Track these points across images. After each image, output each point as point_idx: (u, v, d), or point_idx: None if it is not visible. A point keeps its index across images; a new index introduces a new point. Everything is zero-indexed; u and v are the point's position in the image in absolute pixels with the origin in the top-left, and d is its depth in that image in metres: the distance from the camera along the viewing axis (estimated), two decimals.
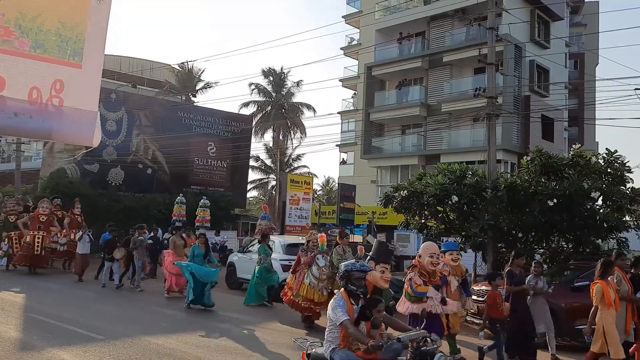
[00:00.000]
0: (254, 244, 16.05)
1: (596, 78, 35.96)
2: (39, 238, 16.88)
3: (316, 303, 10.24)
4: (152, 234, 17.97)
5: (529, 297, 8.37)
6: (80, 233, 16.30)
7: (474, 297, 10.62)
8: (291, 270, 11.09)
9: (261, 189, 45.90)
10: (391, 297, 10.19)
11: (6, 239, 17.61)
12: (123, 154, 26.67)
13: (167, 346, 8.16)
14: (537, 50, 28.35)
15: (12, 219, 18.08)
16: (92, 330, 9.01)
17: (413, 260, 7.45)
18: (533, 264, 8.76)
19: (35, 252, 16.80)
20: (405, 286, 7.36)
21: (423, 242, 11.67)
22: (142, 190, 26.84)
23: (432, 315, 7.11)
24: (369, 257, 9.76)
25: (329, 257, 10.41)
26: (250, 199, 46.20)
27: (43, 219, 17.25)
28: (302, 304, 10.35)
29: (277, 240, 14.68)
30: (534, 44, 28.36)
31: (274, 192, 41.10)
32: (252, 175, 41.12)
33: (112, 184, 26.48)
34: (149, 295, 13.67)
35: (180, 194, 23.90)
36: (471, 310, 10.36)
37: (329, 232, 22.86)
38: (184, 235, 14.86)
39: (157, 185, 27.87)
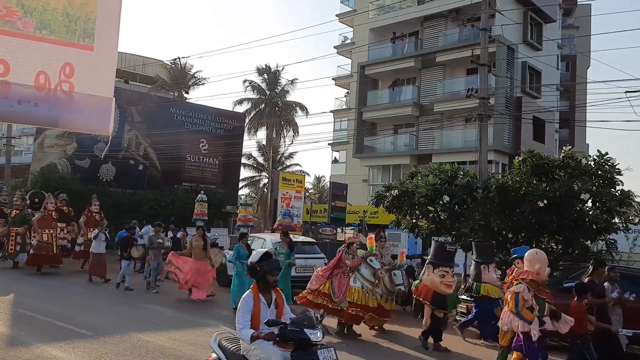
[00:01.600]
0: None
1: (587, 80, 36.24)
2: (54, 236, 16.31)
3: (368, 309, 9.36)
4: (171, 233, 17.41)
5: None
6: (96, 231, 15.28)
7: (462, 296, 10.68)
8: (327, 275, 9.70)
9: (253, 187, 45.84)
10: (457, 303, 9.72)
11: (7, 234, 17.19)
12: (114, 150, 26.53)
13: (156, 343, 8.16)
14: (529, 52, 28.49)
15: (12, 215, 17.65)
16: (81, 327, 8.98)
17: (521, 272, 6.65)
18: (607, 270, 8.28)
19: (54, 251, 16.19)
20: (508, 297, 6.53)
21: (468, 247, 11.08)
22: (133, 186, 26.72)
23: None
24: (427, 262, 9.47)
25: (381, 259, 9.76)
26: (242, 196, 46.10)
27: (55, 215, 16.71)
28: (350, 311, 9.30)
29: (268, 238, 14.64)
30: (527, 46, 28.50)
31: (265, 190, 41.04)
32: (244, 173, 41.12)
33: (103, 180, 26.33)
34: (144, 293, 13.57)
35: (202, 192, 23.71)
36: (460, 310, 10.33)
37: (320, 230, 22.93)
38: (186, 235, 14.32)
39: (149, 181, 27.78)
